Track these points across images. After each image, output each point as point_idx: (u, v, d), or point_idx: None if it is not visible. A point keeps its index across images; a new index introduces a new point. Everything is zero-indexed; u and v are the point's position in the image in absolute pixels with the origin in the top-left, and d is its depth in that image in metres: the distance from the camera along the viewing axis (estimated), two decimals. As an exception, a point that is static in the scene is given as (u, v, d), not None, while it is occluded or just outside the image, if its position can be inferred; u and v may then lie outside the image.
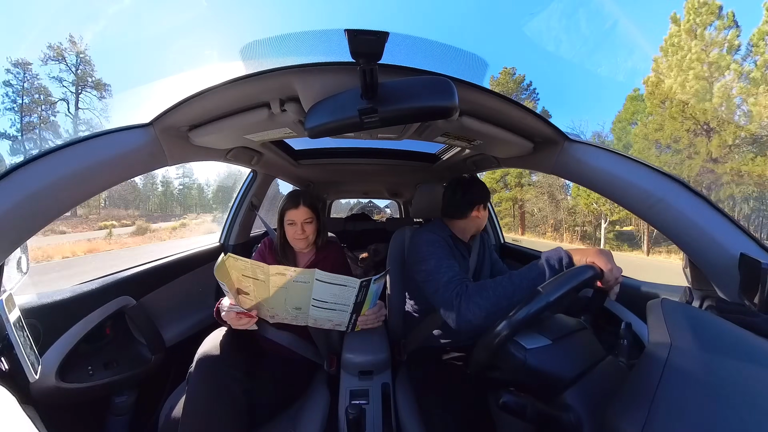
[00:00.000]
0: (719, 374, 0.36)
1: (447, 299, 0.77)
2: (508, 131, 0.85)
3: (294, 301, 0.78)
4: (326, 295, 0.77)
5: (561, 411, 0.48)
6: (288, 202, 1.04)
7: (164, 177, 28.23)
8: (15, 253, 0.61)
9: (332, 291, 0.76)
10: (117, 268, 1.11)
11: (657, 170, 0.70)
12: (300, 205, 1.02)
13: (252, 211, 1.66)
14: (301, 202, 1.02)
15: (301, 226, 1.02)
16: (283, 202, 1.06)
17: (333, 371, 1.04)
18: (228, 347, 0.84)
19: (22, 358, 0.57)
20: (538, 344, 0.54)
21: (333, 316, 0.82)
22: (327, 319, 0.83)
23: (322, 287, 0.75)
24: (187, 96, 0.68)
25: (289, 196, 1.06)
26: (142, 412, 1.02)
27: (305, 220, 1.03)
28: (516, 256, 1.66)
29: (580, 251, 0.68)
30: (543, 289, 0.56)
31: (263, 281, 0.74)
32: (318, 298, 0.77)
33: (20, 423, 0.43)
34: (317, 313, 0.80)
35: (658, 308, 0.49)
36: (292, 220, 1.02)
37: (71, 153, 0.61)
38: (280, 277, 0.73)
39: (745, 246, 0.62)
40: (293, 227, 1.03)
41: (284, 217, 1.04)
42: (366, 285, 0.76)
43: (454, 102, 0.54)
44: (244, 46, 0.64)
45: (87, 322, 0.86)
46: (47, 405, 0.71)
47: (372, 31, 0.44)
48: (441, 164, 1.58)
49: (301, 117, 0.76)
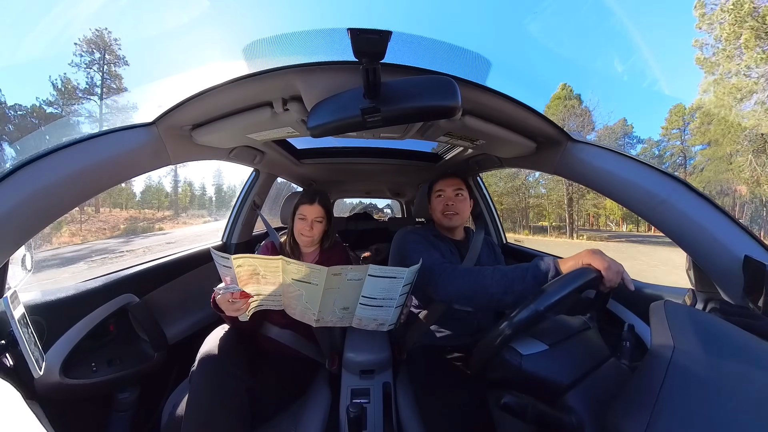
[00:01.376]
0: (723, 377, 0.36)
1: (432, 279, 0.86)
2: (510, 131, 0.85)
3: (343, 301, 0.76)
4: (376, 291, 0.75)
5: (562, 412, 0.48)
6: (303, 197, 1.06)
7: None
8: (20, 250, 0.62)
9: (383, 285, 0.75)
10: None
11: (660, 171, 0.70)
12: (315, 202, 1.04)
13: (254, 210, 1.66)
14: (317, 201, 1.05)
15: (311, 223, 1.04)
16: (299, 196, 1.08)
17: (334, 370, 1.04)
18: (230, 346, 0.84)
19: (27, 354, 0.57)
20: (534, 350, 0.54)
21: (378, 314, 0.81)
22: (372, 318, 0.81)
23: (373, 282, 0.73)
24: (190, 95, 0.69)
25: (305, 192, 1.08)
26: (144, 408, 1.03)
27: (316, 218, 1.04)
28: (517, 256, 1.65)
29: (572, 258, 0.68)
30: (545, 291, 0.55)
31: (317, 285, 0.71)
32: (367, 295, 0.75)
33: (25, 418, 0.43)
34: (363, 312, 0.79)
35: (661, 310, 0.48)
36: (304, 215, 1.04)
37: (74, 152, 0.61)
38: (336, 277, 0.70)
39: (750, 248, 0.61)
40: (303, 222, 1.04)
41: (297, 211, 1.06)
42: (412, 272, 0.76)
43: (456, 102, 0.53)
44: (247, 46, 0.64)
45: (90, 320, 0.87)
46: (51, 401, 0.72)
47: (375, 30, 0.44)
48: (443, 164, 1.58)
49: (304, 116, 0.76)
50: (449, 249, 1.04)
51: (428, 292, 0.89)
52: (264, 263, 0.70)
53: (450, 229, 1.10)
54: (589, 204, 19.72)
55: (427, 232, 1.07)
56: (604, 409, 0.43)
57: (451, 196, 1.05)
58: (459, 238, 1.12)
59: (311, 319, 0.79)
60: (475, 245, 1.08)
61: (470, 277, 0.80)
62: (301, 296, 0.75)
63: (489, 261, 1.11)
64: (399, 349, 1.10)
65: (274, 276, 0.73)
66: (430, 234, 1.06)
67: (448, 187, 1.06)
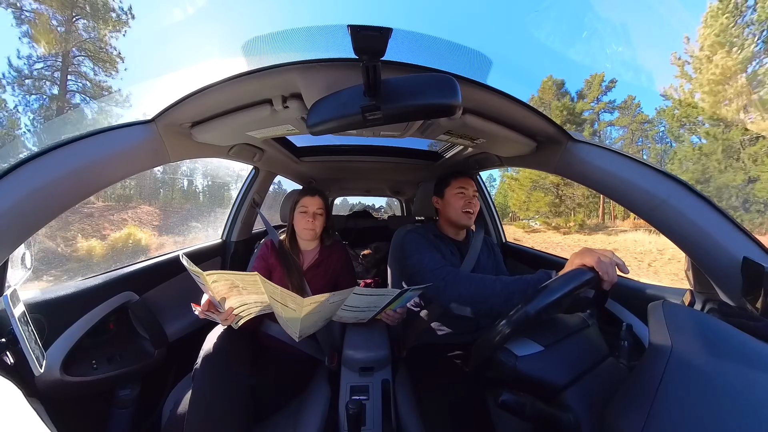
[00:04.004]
0: (720, 378, 0.36)
1: (435, 284, 0.85)
2: (511, 130, 0.84)
3: (325, 315, 0.76)
4: (360, 303, 0.75)
5: (560, 411, 0.48)
6: (303, 191, 1.09)
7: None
8: (19, 249, 0.62)
9: (368, 300, 0.75)
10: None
11: (661, 172, 0.70)
12: (316, 194, 1.08)
13: (253, 208, 1.66)
14: (317, 193, 1.08)
15: (313, 215, 1.05)
16: (297, 192, 1.10)
17: (334, 367, 1.04)
18: (232, 344, 0.85)
19: (27, 352, 0.57)
20: (530, 351, 0.53)
21: (359, 315, 0.82)
22: (353, 317, 0.82)
23: (357, 298, 0.72)
24: (189, 92, 0.68)
25: (304, 187, 1.11)
26: (145, 405, 1.03)
27: (317, 210, 1.06)
28: (517, 256, 1.65)
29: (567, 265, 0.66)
30: (543, 291, 0.55)
31: (294, 310, 0.67)
32: (350, 305, 0.74)
33: (26, 415, 0.43)
34: (345, 313, 0.79)
35: (660, 310, 0.49)
36: (306, 207, 1.05)
37: (74, 150, 0.61)
38: (315, 305, 0.66)
39: (749, 250, 0.61)
40: (305, 216, 1.05)
41: (297, 205, 1.07)
42: (402, 293, 0.75)
43: (457, 100, 0.53)
44: (246, 42, 0.63)
45: (91, 317, 0.87)
46: (52, 398, 0.72)
47: (375, 27, 0.43)
48: (443, 162, 1.58)
49: (304, 114, 0.75)
50: (450, 250, 1.03)
51: (428, 294, 0.89)
52: (240, 278, 0.65)
53: (460, 228, 1.09)
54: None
55: (427, 231, 1.06)
56: (601, 407, 0.44)
57: (471, 196, 1.05)
58: (461, 239, 1.12)
59: (294, 334, 0.78)
60: (474, 245, 1.08)
61: (471, 285, 0.79)
62: (279, 316, 0.73)
63: (488, 262, 1.11)
64: (398, 347, 1.11)
65: (254, 287, 0.68)
66: (431, 234, 1.05)
67: (470, 186, 1.06)
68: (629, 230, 15.42)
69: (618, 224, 17.81)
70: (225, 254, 1.63)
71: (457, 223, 1.07)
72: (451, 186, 1.07)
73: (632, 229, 15.28)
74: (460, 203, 1.04)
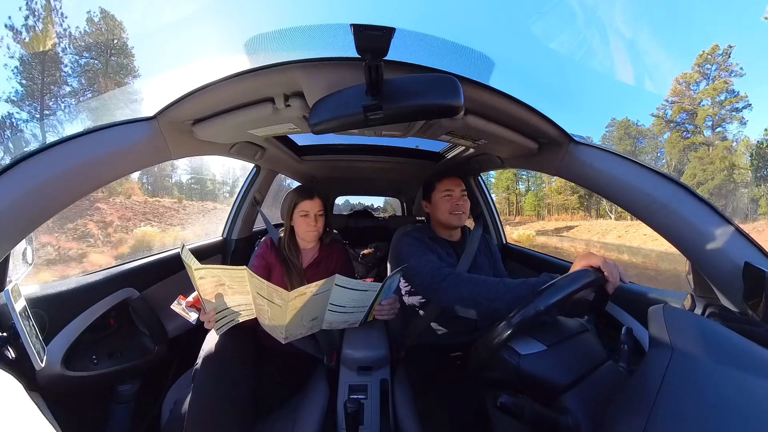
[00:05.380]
0: (720, 383, 0.36)
1: (434, 285, 0.85)
2: (512, 131, 0.84)
3: (311, 314, 0.74)
4: (344, 300, 0.74)
5: (559, 414, 0.48)
6: (301, 194, 1.05)
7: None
8: (20, 244, 0.62)
9: (351, 296, 0.74)
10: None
11: (663, 175, 0.69)
12: (314, 196, 1.04)
13: (254, 207, 1.66)
14: (315, 195, 1.05)
15: (314, 218, 1.04)
16: (294, 195, 1.06)
17: (333, 366, 1.05)
18: (232, 343, 0.85)
19: (28, 346, 0.58)
20: (533, 350, 0.54)
21: (348, 318, 0.81)
22: (342, 321, 0.81)
23: (341, 293, 0.71)
24: (191, 90, 0.68)
25: (300, 189, 1.07)
26: (144, 400, 1.04)
27: (318, 212, 1.04)
28: (517, 258, 1.65)
29: (573, 266, 0.68)
30: (544, 291, 0.55)
31: (280, 306, 0.67)
32: (335, 303, 0.74)
33: (27, 409, 0.44)
34: (333, 317, 0.78)
35: (660, 314, 0.48)
36: (306, 211, 1.03)
37: (75, 146, 0.61)
38: (301, 297, 0.66)
39: (750, 255, 0.61)
40: (306, 219, 1.03)
41: (296, 209, 1.04)
42: (383, 284, 0.75)
43: (459, 100, 0.53)
44: (249, 40, 0.63)
45: (91, 313, 0.88)
46: (53, 392, 0.73)
47: (378, 26, 0.43)
48: (445, 163, 1.57)
49: (306, 112, 0.75)
50: (446, 251, 1.03)
51: (429, 296, 0.88)
52: (229, 273, 0.66)
53: (452, 229, 1.09)
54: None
55: (423, 234, 1.05)
56: (601, 411, 0.44)
57: (459, 197, 1.04)
58: (456, 239, 1.11)
59: (279, 336, 0.77)
60: (471, 245, 1.08)
61: (473, 287, 0.78)
62: (266, 312, 0.72)
63: (485, 262, 1.10)
64: (397, 347, 1.11)
65: (241, 285, 0.68)
66: (426, 236, 1.04)
67: (456, 187, 1.05)
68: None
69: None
70: (225, 252, 1.63)
71: (448, 225, 1.07)
72: (436, 190, 1.08)
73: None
74: (448, 205, 1.04)
